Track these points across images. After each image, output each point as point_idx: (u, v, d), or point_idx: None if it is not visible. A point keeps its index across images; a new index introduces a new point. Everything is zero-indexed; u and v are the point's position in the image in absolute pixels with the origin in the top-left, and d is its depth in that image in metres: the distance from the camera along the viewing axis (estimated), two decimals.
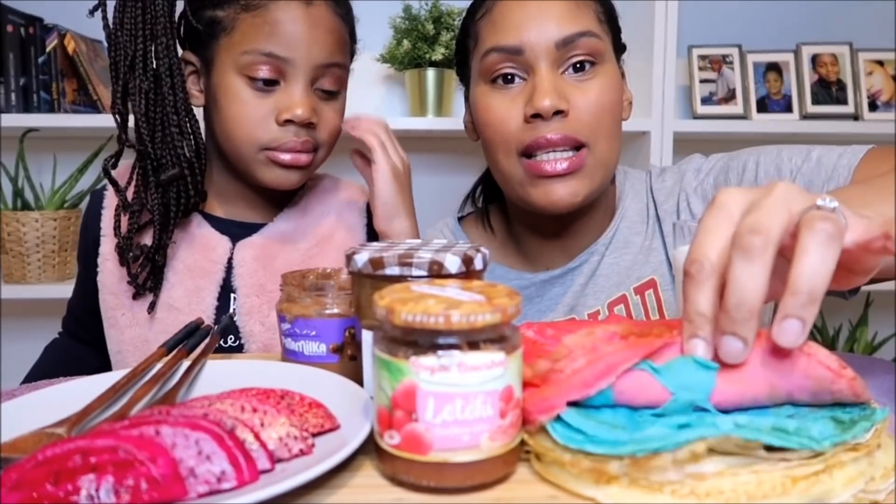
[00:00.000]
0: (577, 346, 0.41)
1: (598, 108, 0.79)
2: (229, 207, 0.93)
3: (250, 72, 0.82)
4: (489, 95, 0.82)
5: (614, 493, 0.36)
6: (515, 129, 0.80)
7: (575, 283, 0.89)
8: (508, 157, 0.81)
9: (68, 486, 0.33)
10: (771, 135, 1.77)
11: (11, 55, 1.59)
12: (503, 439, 0.38)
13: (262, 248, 0.89)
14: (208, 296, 0.87)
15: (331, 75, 0.86)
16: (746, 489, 0.35)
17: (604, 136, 0.80)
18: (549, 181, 0.79)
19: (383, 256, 0.46)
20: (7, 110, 1.59)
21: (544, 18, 0.78)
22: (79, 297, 0.96)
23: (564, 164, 0.78)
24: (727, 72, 1.79)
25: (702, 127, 1.70)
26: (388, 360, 0.37)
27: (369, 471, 0.41)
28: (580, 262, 0.89)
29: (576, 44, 0.78)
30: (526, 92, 0.79)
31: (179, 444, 0.36)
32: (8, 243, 1.58)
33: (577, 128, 0.78)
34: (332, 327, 0.56)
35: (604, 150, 0.81)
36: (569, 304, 0.89)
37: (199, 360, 0.56)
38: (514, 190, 0.84)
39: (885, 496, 0.36)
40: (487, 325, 0.36)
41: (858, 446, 0.36)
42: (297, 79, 0.83)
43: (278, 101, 0.83)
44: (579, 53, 0.79)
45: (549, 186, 0.80)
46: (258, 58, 0.82)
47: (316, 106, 0.85)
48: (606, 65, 0.81)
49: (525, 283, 0.90)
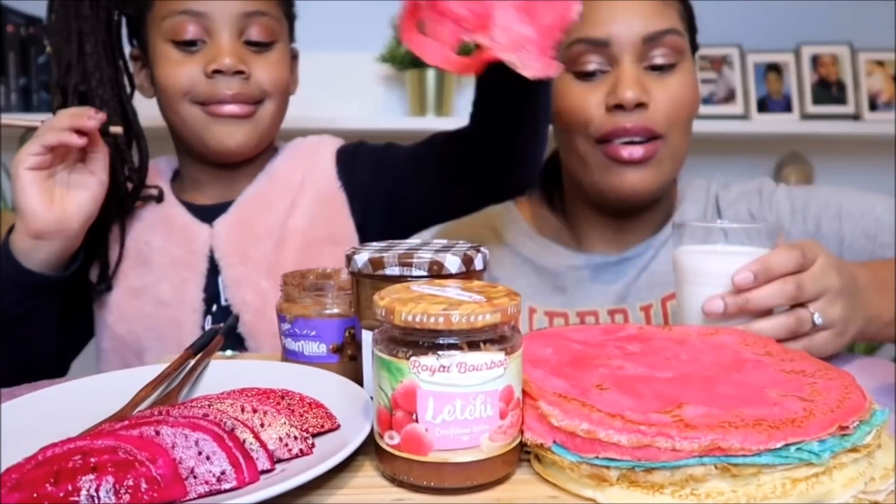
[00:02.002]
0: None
1: (675, 103, 0.82)
2: (206, 192, 0.93)
3: (175, 36, 0.83)
4: (570, 84, 0.85)
5: (614, 494, 0.36)
6: (596, 117, 0.83)
7: (628, 274, 0.90)
8: (587, 142, 0.84)
9: (68, 486, 0.33)
10: (771, 135, 1.78)
11: (11, 55, 1.59)
12: (503, 439, 0.38)
13: (237, 217, 0.89)
14: (193, 287, 0.86)
15: (257, 24, 0.86)
16: (746, 490, 0.35)
17: (678, 129, 0.83)
18: (624, 168, 0.83)
19: (383, 256, 0.46)
20: (7, 110, 1.59)
21: (633, 14, 0.82)
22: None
23: (640, 151, 0.81)
24: (727, 72, 1.79)
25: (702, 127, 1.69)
26: (388, 360, 0.37)
27: (369, 471, 0.41)
28: (636, 254, 0.91)
29: (661, 40, 0.82)
30: (608, 83, 0.82)
31: (179, 444, 0.36)
32: None
33: (654, 119, 0.81)
34: (332, 327, 0.56)
35: (677, 142, 0.84)
36: (619, 294, 0.90)
37: (201, 360, 0.56)
38: (588, 175, 0.86)
39: (885, 497, 0.36)
40: (487, 325, 0.36)
41: (858, 447, 0.36)
42: (219, 32, 0.84)
43: (205, 56, 0.84)
44: (662, 51, 0.82)
45: (624, 173, 0.83)
46: (176, 19, 0.83)
47: (245, 56, 0.85)
48: (685, 62, 0.84)
49: (580, 263, 0.92)
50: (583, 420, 0.37)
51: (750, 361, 0.46)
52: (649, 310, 0.88)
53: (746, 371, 0.44)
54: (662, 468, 0.35)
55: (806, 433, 0.35)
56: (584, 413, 0.37)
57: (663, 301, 0.88)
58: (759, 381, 0.42)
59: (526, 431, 0.39)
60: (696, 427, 0.35)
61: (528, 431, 0.39)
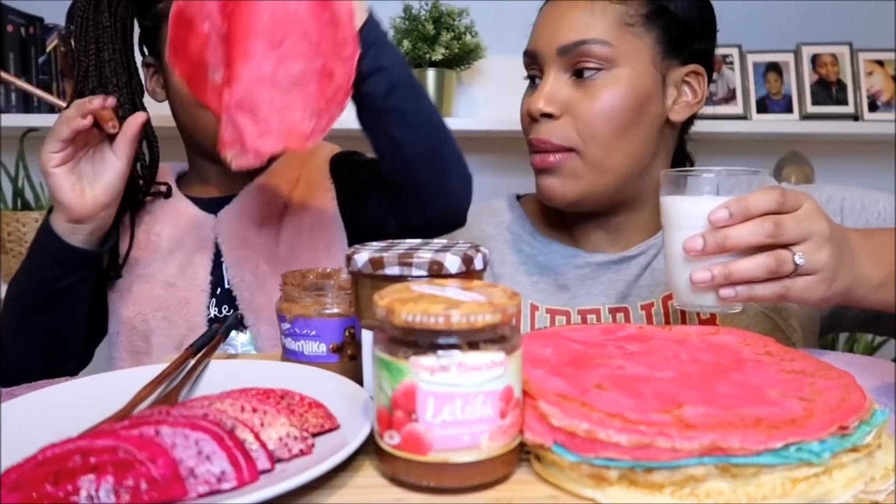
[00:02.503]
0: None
1: (593, 114, 0.82)
2: (211, 187, 0.97)
3: None
4: (525, 92, 0.91)
5: (614, 494, 0.36)
6: (526, 126, 0.89)
7: (629, 273, 0.90)
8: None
9: (68, 486, 0.33)
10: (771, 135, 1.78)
11: (11, 55, 1.59)
12: (503, 439, 0.38)
13: (240, 207, 0.93)
14: (201, 269, 0.90)
15: None
16: (746, 490, 0.35)
17: (597, 141, 0.83)
18: (542, 175, 0.87)
19: (383, 256, 0.46)
20: (7, 110, 1.59)
21: (553, 25, 0.85)
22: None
23: (548, 159, 0.85)
24: (727, 72, 1.79)
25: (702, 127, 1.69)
26: (388, 360, 0.37)
27: (369, 471, 0.41)
28: (637, 253, 0.91)
29: (576, 51, 0.82)
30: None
31: (179, 444, 0.36)
32: (8, 243, 1.58)
33: (563, 133, 0.83)
34: (332, 327, 0.56)
35: (597, 154, 0.83)
36: (621, 292, 0.90)
37: (202, 360, 0.56)
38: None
39: (885, 497, 0.36)
40: (487, 325, 0.36)
41: (859, 447, 0.36)
42: None
43: None
44: (582, 60, 0.83)
45: (541, 179, 0.87)
46: None
47: None
48: (619, 69, 0.83)
49: (581, 262, 0.92)
50: (583, 420, 0.37)
51: (750, 361, 0.46)
52: (650, 308, 0.88)
53: (746, 371, 0.44)
54: (662, 468, 0.35)
55: (806, 433, 0.35)
56: (584, 413, 0.37)
57: (664, 300, 0.88)
58: (759, 381, 0.42)
59: (526, 431, 0.39)
60: (696, 427, 0.35)
61: (528, 431, 0.39)
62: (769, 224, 0.56)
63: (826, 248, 0.57)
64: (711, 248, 0.58)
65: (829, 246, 0.57)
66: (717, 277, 0.57)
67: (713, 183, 0.61)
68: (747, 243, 0.57)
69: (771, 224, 0.56)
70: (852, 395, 0.39)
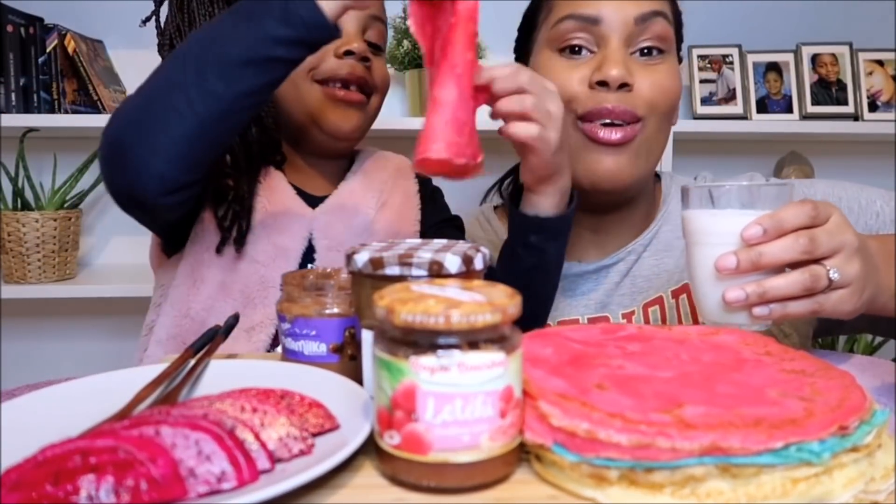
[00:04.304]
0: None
1: (659, 90, 0.81)
2: (300, 177, 0.96)
3: None
4: (555, 61, 0.84)
5: (614, 494, 0.36)
6: (580, 94, 0.81)
7: (609, 281, 0.89)
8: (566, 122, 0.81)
9: (68, 486, 0.33)
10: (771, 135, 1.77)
11: (11, 55, 1.59)
12: (503, 439, 0.38)
13: (339, 208, 0.93)
14: (293, 256, 0.88)
15: (376, 28, 0.92)
16: (746, 490, 0.35)
17: (658, 117, 0.82)
18: (600, 152, 0.81)
19: (383, 256, 0.46)
20: (7, 110, 1.59)
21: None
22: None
23: (618, 133, 0.79)
24: (727, 72, 1.79)
25: (702, 127, 1.70)
26: (388, 360, 0.37)
27: (369, 471, 0.41)
28: (616, 260, 0.89)
29: (652, 22, 0.81)
30: (593, 62, 0.81)
31: (179, 444, 0.36)
32: (8, 243, 1.58)
33: (636, 103, 0.80)
34: (332, 327, 0.56)
35: (654, 130, 0.82)
36: (601, 301, 0.89)
37: (202, 360, 0.56)
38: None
39: (886, 497, 0.36)
40: (487, 325, 0.36)
41: (859, 447, 0.36)
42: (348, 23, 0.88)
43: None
44: (650, 37, 0.81)
45: (600, 157, 0.81)
46: None
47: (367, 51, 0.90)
48: (671, 55, 0.84)
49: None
50: (583, 420, 0.37)
51: (750, 361, 0.46)
52: (631, 317, 0.87)
53: (746, 371, 0.44)
54: (662, 468, 0.35)
55: (806, 433, 0.35)
56: (584, 413, 0.37)
57: (644, 307, 0.87)
58: (759, 381, 0.42)
59: (526, 431, 0.39)
60: (696, 427, 0.35)
61: (529, 431, 0.39)
62: (804, 239, 0.55)
63: (856, 260, 0.56)
64: (746, 267, 0.56)
65: (859, 257, 0.56)
66: (751, 297, 0.56)
67: (740, 196, 0.60)
68: (782, 261, 0.56)
69: (806, 240, 0.55)
70: (852, 395, 0.39)
